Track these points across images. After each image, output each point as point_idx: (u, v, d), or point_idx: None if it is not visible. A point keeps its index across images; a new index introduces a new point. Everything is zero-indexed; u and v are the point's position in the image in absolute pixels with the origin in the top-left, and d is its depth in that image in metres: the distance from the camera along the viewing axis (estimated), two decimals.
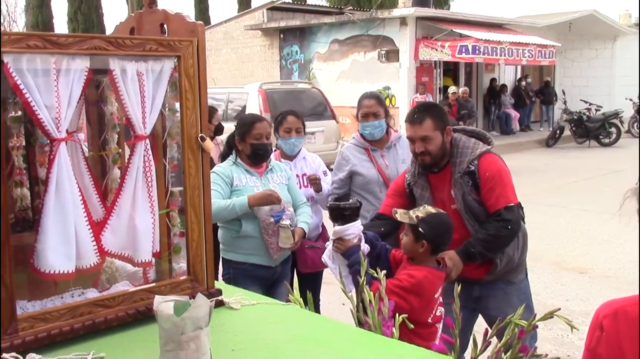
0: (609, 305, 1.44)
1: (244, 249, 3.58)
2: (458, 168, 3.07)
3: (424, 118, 3.06)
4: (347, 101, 17.43)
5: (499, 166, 3.11)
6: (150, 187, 1.93)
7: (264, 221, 3.52)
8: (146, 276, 1.99)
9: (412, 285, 2.65)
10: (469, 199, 3.03)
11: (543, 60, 18.35)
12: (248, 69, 20.15)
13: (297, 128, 4.04)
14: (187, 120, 1.94)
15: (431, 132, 3.05)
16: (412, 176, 3.23)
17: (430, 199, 3.16)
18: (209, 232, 2.02)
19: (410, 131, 3.10)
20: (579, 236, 7.76)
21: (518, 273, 3.26)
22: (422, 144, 3.05)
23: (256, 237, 3.55)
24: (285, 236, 3.52)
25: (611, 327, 1.40)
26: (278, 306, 2.05)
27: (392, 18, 16.52)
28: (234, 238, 3.57)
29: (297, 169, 4.11)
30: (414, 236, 2.75)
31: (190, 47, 1.92)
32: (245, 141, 3.60)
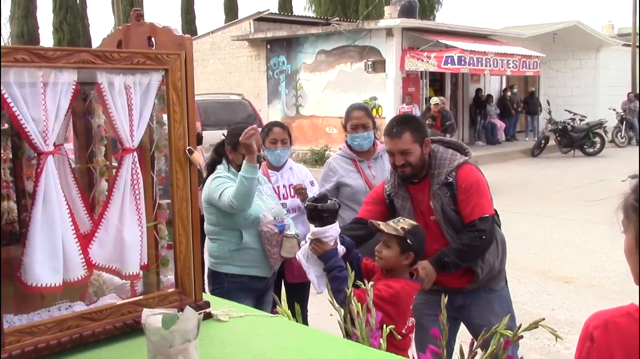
0: (599, 316, 1.43)
1: (243, 262, 3.56)
2: (436, 179, 3.09)
3: (402, 131, 3.06)
4: (334, 111, 17.50)
5: (476, 177, 3.13)
6: (138, 199, 1.93)
7: (267, 231, 3.50)
8: (134, 289, 1.99)
9: (390, 296, 2.67)
10: (447, 210, 3.06)
11: (527, 71, 18.53)
12: (235, 80, 20.16)
13: (282, 139, 4.05)
14: (174, 132, 1.95)
15: (410, 145, 3.06)
16: (392, 187, 3.25)
17: (412, 210, 3.18)
18: (197, 245, 2.02)
19: (390, 144, 3.11)
20: (564, 245, 7.82)
21: (499, 280, 3.29)
22: (401, 157, 3.07)
23: (256, 248, 3.55)
24: (289, 245, 3.52)
25: (602, 338, 1.39)
26: (266, 318, 2.06)
27: (379, 29, 16.63)
28: (232, 251, 3.54)
29: (284, 179, 4.11)
30: (400, 248, 2.78)
31: (178, 60, 1.93)
32: (237, 151, 3.58)
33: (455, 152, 3.18)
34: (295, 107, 18.66)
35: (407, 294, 2.73)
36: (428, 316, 3.30)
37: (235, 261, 3.55)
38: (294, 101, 18.70)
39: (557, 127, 17.60)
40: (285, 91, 18.89)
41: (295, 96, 18.62)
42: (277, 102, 19.10)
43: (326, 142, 17.16)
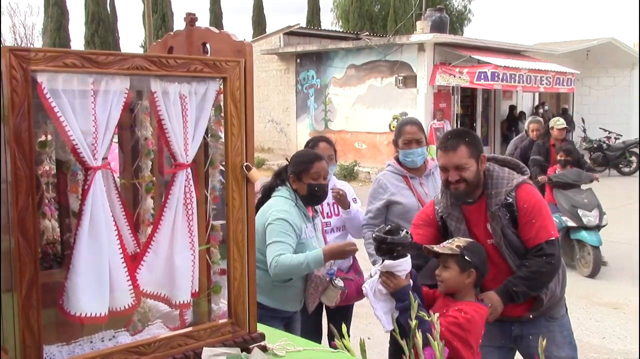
0: None
1: (280, 298, 3.30)
2: (495, 200, 2.88)
3: (458, 145, 2.87)
4: (363, 126, 17.33)
5: (537, 197, 2.94)
6: (191, 220, 1.76)
7: (318, 276, 3.25)
8: (183, 319, 1.81)
9: (467, 321, 2.51)
10: (508, 233, 2.85)
11: (561, 88, 18.18)
12: (264, 94, 20.10)
13: (329, 155, 3.79)
14: (232, 147, 1.77)
15: (466, 160, 2.86)
16: (445, 207, 3.04)
17: (467, 232, 2.97)
18: (252, 270, 1.84)
19: (444, 159, 2.90)
20: (611, 270, 7.50)
21: (559, 307, 3.09)
22: (456, 173, 2.86)
23: (298, 286, 3.31)
24: (333, 295, 3.30)
25: None
26: (326, 353, 1.87)
27: (410, 44, 16.43)
28: (274, 285, 3.26)
29: (328, 197, 3.91)
30: (460, 267, 2.67)
31: (237, 68, 1.76)
32: (302, 180, 3.33)
33: (512, 171, 2.98)
34: (324, 121, 18.51)
35: (481, 318, 2.55)
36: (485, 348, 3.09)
37: (274, 295, 3.28)
38: (323, 116, 18.55)
39: (592, 145, 17.19)
40: (314, 105, 18.77)
41: (324, 111, 18.48)
42: (306, 117, 18.98)
43: (355, 158, 16.96)
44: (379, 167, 15.59)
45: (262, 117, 19.98)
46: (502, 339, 3.06)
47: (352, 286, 3.70)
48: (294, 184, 3.36)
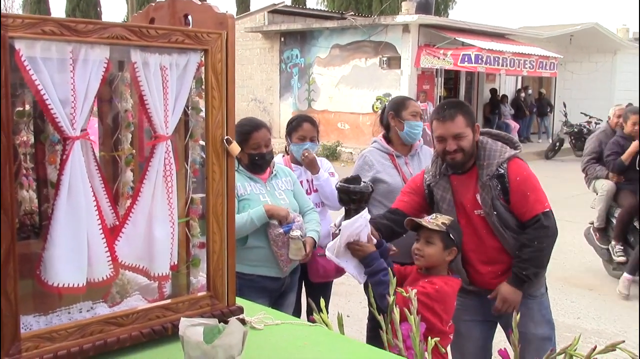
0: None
1: (251, 261, 3.36)
2: (486, 171, 2.93)
3: (455, 114, 2.91)
4: (347, 106, 17.31)
5: (529, 171, 3.00)
6: (171, 193, 1.75)
7: (272, 232, 3.33)
8: (162, 291, 1.80)
9: (435, 291, 2.56)
10: (497, 204, 2.90)
11: (544, 72, 18.27)
12: (247, 72, 19.97)
13: (311, 137, 3.90)
14: (212, 120, 1.76)
15: (464, 129, 2.91)
16: (433, 176, 3.09)
17: (452, 202, 3.02)
18: (231, 244, 1.84)
19: (442, 129, 2.93)
20: (586, 252, 7.61)
21: (540, 286, 3.15)
22: (454, 142, 2.90)
23: (264, 247, 3.37)
24: (295, 247, 3.34)
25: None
26: (304, 327, 1.88)
27: (395, 24, 16.39)
28: (239, 249, 3.29)
29: (307, 174, 3.94)
30: (443, 244, 2.72)
31: (219, 40, 1.75)
32: (243, 150, 3.35)
33: (505, 145, 3.03)
34: (307, 101, 18.46)
35: (452, 289, 2.62)
36: (467, 323, 3.14)
37: (243, 259, 3.32)
38: (306, 95, 18.50)
39: (572, 129, 17.36)
40: (297, 84, 18.70)
41: (308, 90, 18.42)
42: (289, 96, 18.91)
43: (337, 138, 16.97)
44: (361, 147, 15.60)
45: (245, 95, 19.86)
46: (484, 314, 3.11)
47: (332, 263, 3.73)
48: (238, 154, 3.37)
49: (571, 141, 17.52)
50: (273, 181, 3.50)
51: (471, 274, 3.05)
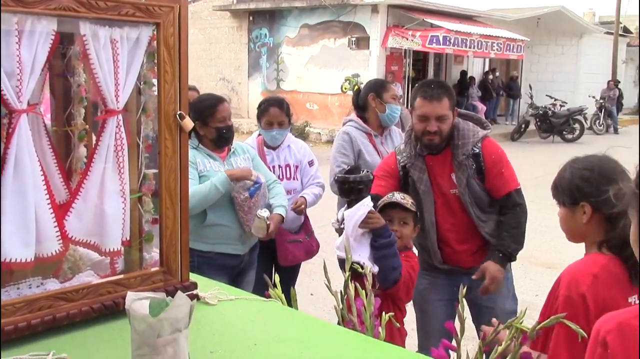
0: (610, 319, 1.30)
1: (210, 239, 3.37)
2: (462, 150, 2.97)
3: (442, 95, 2.90)
4: (316, 87, 17.27)
5: (502, 149, 3.09)
6: (122, 168, 1.74)
7: (238, 197, 3.33)
8: (114, 267, 1.80)
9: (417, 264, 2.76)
10: (472, 183, 2.96)
11: (511, 54, 18.46)
12: (215, 51, 19.76)
13: (279, 121, 3.83)
14: (165, 95, 1.75)
15: (447, 111, 2.91)
16: (408, 157, 3.07)
17: (429, 182, 3.03)
18: (185, 220, 1.84)
19: (428, 108, 2.90)
20: (547, 231, 7.76)
21: None
22: (436, 124, 2.90)
23: (223, 225, 3.37)
24: (259, 226, 3.35)
25: (617, 344, 1.26)
26: (258, 303, 1.89)
27: (364, 5, 16.36)
28: (197, 227, 3.32)
29: (280, 159, 3.90)
30: (414, 222, 2.79)
31: (171, 13, 1.72)
32: (209, 124, 3.37)
33: (475, 125, 3.06)
34: (276, 81, 18.37)
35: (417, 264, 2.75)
36: (435, 302, 3.19)
37: (202, 237, 3.34)
38: (275, 75, 18.40)
39: (538, 112, 17.61)
40: (266, 64, 18.58)
41: (277, 70, 18.32)
42: (258, 76, 18.78)
43: (306, 119, 16.93)
44: (329, 128, 15.62)
45: (213, 75, 19.68)
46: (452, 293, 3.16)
47: (301, 248, 3.82)
48: (200, 130, 3.38)
49: (536, 123, 17.77)
50: (232, 158, 3.49)
51: (446, 252, 3.09)
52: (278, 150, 3.90)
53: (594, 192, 1.90)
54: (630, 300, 1.85)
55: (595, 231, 1.94)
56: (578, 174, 1.99)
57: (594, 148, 8.46)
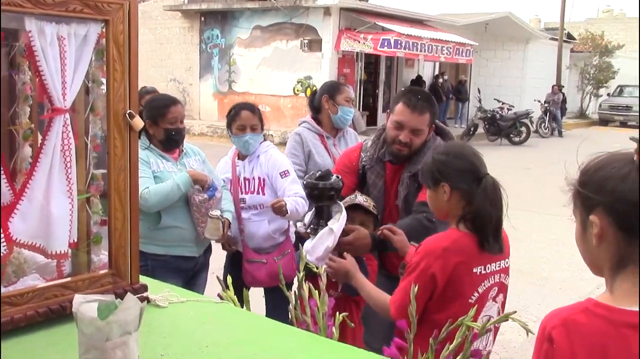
0: (556, 315, 1.34)
1: (165, 241, 3.32)
2: (411, 167, 2.84)
3: (426, 109, 2.75)
4: (268, 88, 17.22)
5: None
6: (69, 168, 1.69)
7: (196, 198, 3.29)
8: (60, 269, 1.75)
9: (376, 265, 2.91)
10: (410, 201, 2.85)
11: (460, 59, 18.80)
12: (166, 51, 19.51)
13: (252, 125, 3.56)
14: (114, 93, 1.71)
15: (425, 127, 2.77)
16: (370, 159, 2.97)
17: (383, 189, 2.96)
18: (134, 221, 1.80)
19: (407, 117, 2.74)
20: None
21: None
22: (409, 135, 2.75)
23: (178, 227, 3.33)
24: (214, 227, 3.31)
25: (562, 338, 1.29)
26: (211, 304, 1.87)
27: (316, 7, 16.41)
28: (151, 230, 3.27)
29: (246, 171, 3.63)
30: (374, 226, 2.77)
31: (120, 10, 1.69)
32: (159, 125, 3.32)
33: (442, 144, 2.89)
34: (227, 82, 18.25)
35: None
36: None
37: (156, 240, 3.29)
38: (227, 77, 18.28)
39: (486, 115, 17.98)
40: (218, 65, 18.44)
41: (229, 72, 18.21)
42: (209, 77, 18.63)
43: None
44: (282, 130, 15.59)
45: (164, 75, 19.42)
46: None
47: (263, 271, 3.57)
48: (150, 129, 3.34)
49: (485, 126, 18.15)
50: (184, 159, 3.46)
51: (386, 262, 3.06)
52: (246, 160, 3.64)
53: (450, 173, 2.17)
54: (475, 270, 2.14)
55: (454, 208, 2.19)
56: (437, 159, 2.24)
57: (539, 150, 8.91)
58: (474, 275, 2.14)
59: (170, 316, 1.74)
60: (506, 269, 2.28)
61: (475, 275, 2.14)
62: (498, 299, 2.26)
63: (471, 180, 2.15)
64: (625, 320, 1.25)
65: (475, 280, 2.15)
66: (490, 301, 2.23)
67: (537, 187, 11.47)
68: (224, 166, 3.75)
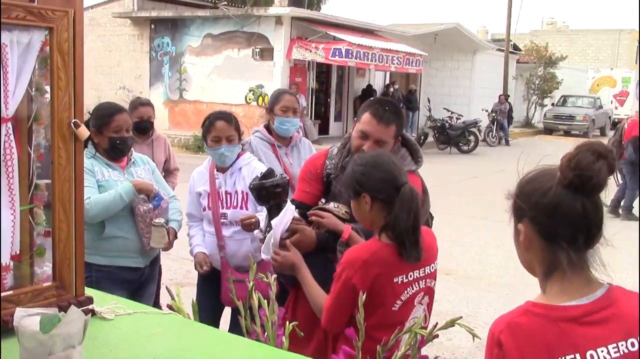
0: (501, 321, 1.42)
1: (109, 252, 3.26)
2: None
3: (392, 122, 2.69)
4: (219, 97, 17.10)
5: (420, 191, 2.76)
6: (11, 178, 1.65)
7: (141, 208, 3.24)
8: (2, 282, 1.70)
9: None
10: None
11: (410, 68, 19.06)
12: (115, 59, 19.18)
13: (228, 136, 3.34)
14: (58, 102, 1.68)
15: (390, 139, 2.70)
16: (334, 168, 2.89)
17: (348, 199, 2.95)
18: (79, 232, 1.77)
19: (373, 127, 2.67)
20: (444, 239, 8.05)
21: None
22: (373, 146, 2.67)
23: (123, 237, 3.27)
24: (159, 235, 3.26)
25: (509, 341, 1.37)
26: (158, 316, 1.85)
27: (268, 16, 16.42)
28: (95, 240, 3.20)
29: (227, 184, 3.41)
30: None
31: (65, 18, 1.67)
32: (103, 134, 3.25)
33: (407, 155, 2.86)
34: (178, 91, 18.05)
35: None
36: None
37: (100, 250, 3.22)
38: (178, 85, 18.08)
39: (435, 124, 18.29)
40: (168, 73, 18.22)
41: (179, 80, 18.00)
42: (160, 85, 18.39)
43: None
44: None
45: (113, 83, 19.09)
46: None
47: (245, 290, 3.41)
48: (95, 138, 3.27)
49: (434, 134, 18.46)
50: (132, 168, 3.39)
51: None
52: (226, 173, 3.42)
53: (369, 183, 2.18)
54: (396, 280, 2.13)
55: (377, 218, 2.19)
56: (356, 169, 2.24)
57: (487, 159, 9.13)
58: (395, 285, 2.14)
59: (117, 329, 1.72)
60: (432, 274, 2.29)
61: (396, 284, 2.15)
62: (424, 301, 2.28)
63: (390, 190, 2.16)
64: (562, 315, 1.37)
65: (397, 289, 2.15)
66: (417, 305, 2.24)
67: (485, 195, 11.70)
68: (199, 178, 3.51)
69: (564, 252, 1.38)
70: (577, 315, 1.37)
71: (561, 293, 1.40)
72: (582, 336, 1.36)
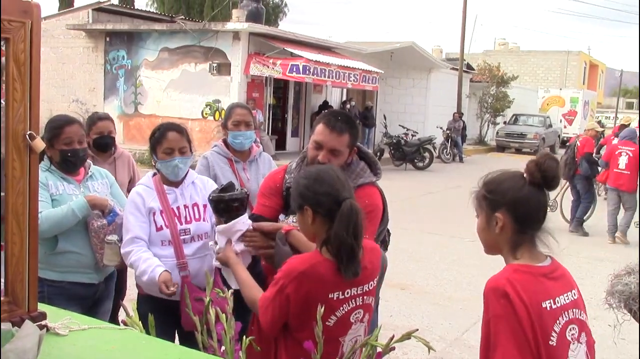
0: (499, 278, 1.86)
1: (61, 267, 3.19)
2: None
3: (345, 130, 2.72)
4: (176, 111, 16.98)
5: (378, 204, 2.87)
6: None
7: (95, 223, 3.18)
8: None
9: None
10: None
11: (367, 85, 19.29)
12: (68, 71, 18.86)
13: (180, 148, 3.14)
14: (13, 113, 1.65)
15: (344, 148, 2.73)
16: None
17: None
18: (34, 246, 1.73)
19: (326, 137, 2.70)
20: (400, 254, 8.14)
21: None
22: (328, 156, 2.70)
23: (76, 252, 3.20)
24: (111, 252, 3.19)
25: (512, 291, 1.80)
26: (114, 331, 1.82)
27: (225, 31, 16.41)
28: (47, 255, 3.13)
29: (185, 198, 3.19)
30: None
31: (22, 29, 1.64)
32: (54, 146, 3.18)
33: (366, 168, 2.87)
34: (134, 104, 17.84)
35: None
36: None
37: (52, 266, 3.16)
38: (133, 98, 17.87)
39: (391, 141, 18.52)
40: (124, 87, 18.00)
41: (135, 93, 17.81)
42: (114, 99, 18.15)
43: None
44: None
45: (66, 96, 18.75)
46: None
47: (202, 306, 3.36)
48: (48, 152, 3.21)
49: (390, 151, 18.69)
50: (88, 182, 3.33)
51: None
52: (181, 187, 3.21)
53: (310, 196, 2.20)
54: (332, 296, 2.14)
55: (319, 232, 2.20)
56: (300, 182, 2.29)
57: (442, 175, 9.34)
58: (330, 300, 2.12)
59: (71, 345, 1.69)
60: (371, 291, 2.27)
61: (331, 300, 2.13)
62: (365, 319, 2.27)
63: (331, 204, 2.16)
64: (539, 271, 1.90)
65: (332, 305, 2.14)
66: (357, 323, 2.23)
67: (440, 210, 11.89)
68: (148, 195, 3.15)
69: (530, 232, 1.92)
70: (546, 272, 1.90)
71: (530, 259, 1.91)
72: (551, 287, 1.88)
